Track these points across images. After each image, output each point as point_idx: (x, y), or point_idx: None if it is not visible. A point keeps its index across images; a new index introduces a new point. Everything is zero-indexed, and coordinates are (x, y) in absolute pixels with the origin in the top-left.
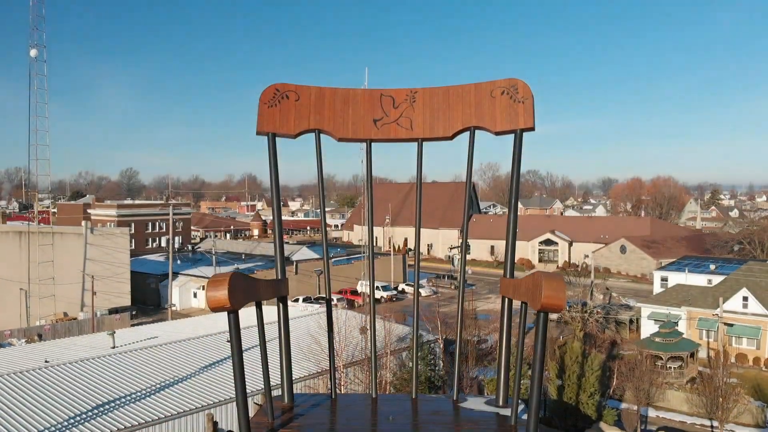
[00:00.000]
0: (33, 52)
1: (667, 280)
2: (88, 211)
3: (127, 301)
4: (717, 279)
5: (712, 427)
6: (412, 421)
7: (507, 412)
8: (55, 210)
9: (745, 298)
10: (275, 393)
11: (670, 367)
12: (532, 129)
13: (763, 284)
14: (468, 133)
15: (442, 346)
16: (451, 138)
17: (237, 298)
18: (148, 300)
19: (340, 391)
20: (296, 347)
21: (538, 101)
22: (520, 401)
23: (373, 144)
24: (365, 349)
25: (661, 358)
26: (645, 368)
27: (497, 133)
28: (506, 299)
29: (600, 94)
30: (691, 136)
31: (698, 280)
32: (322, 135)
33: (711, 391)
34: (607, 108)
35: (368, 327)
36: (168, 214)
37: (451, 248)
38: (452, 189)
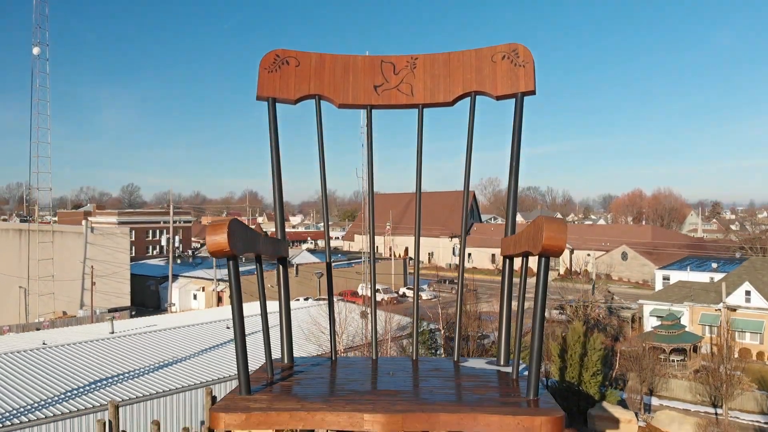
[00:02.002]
0: (36, 50)
1: (668, 279)
2: (89, 219)
3: (126, 302)
4: (719, 277)
5: (716, 414)
6: (413, 375)
7: (508, 369)
8: (56, 219)
9: (748, 293)
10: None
11: (673, 360)
12: (533, 93)
13: (765, 279)
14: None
15: (443, 334)
16: (452, 103)
17: (236, 244)
18: (147, 302)
19: None
20: (297, 329)
21: (543, 116)
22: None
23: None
24: (366, 333)
25: (664, 351)
26: (648, 358)
27: (498, 98)
28: (507, 260)
29: (599, 114)
30: (691, 155)
31: (700, 277)
32: (322, 102)
33: (715, 379)
34: (606, 127)
35: (368, 312)
36: (168, 222)
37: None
38: (453, 198)
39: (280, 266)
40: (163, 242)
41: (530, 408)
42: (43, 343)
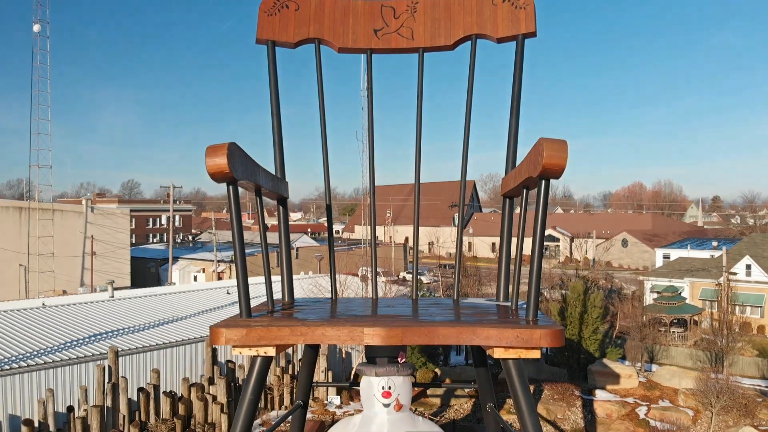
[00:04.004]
0: (36, 27)
1: (669, 257)
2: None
3: (126, 282)
4: (719, 254)
5: (717, 379)
6: (413, 307)
7: (507, 304)
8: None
9: (749, 266)
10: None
11: (673, 332)
12: (534, 35)
13: (766, 253)
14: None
15: (442, 293)
16: (453, 47)
17: (236, 167)
18: (147, 284)
19: None
20: (298, 287)
21: (543, 122)
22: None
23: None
24: (366, 294)
25: (665, 323)
26: (649, 329)
27: (499, 40)
28: (507, 200)
29: (598, 114)
30: (692, 155)
31: (700, 255)
32: (322, 47)
33: (717, 348)
34: (606, 128)
35: (368, 275)
36: (168, 210)
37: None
38: (453, 189)
39: (280, 207)
40: (164, 221)
41: (529, 324)
42: (43, 305)
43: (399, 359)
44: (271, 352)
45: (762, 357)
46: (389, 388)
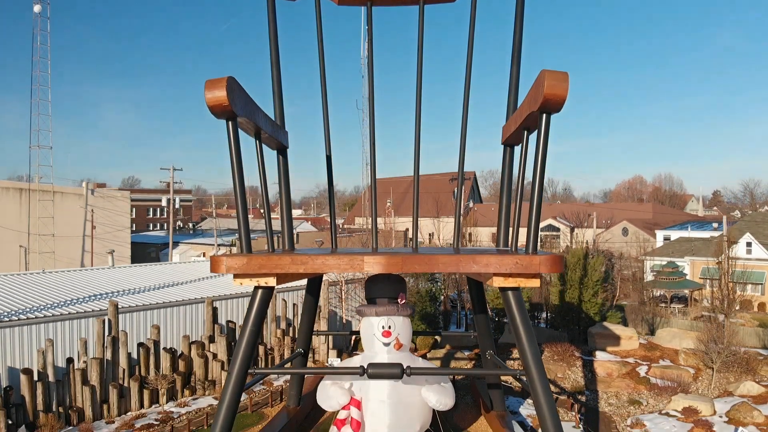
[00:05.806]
0: (36, 8)
1: (669, 239)
2: None
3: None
4: (720, 233)
5: (717, 347)
6: (413, 251)
7: (507, 249)
8: None
9: (749, 244)
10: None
11: (674, 307)
12: None
13: (766, 231)
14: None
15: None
16: None
17: (235, 102)
18: None
19: (341, 307)
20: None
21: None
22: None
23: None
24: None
25: (665, 300)
26: (649, 305)
27: None
28: (507, 149)
29: (599, 115)
30: (692, 155)
31: (701, 235)
32: None
33: (717, 327)
34: (606, 128)
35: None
36: (169, 197)
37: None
38: (451, 181)
39: (280, 157)
40: (164, 203)
41: (529, 254)
42: (43, 271)
43: (399, 300)
44: (271, 282)
45: (763, 327)
46: (389, 327)
